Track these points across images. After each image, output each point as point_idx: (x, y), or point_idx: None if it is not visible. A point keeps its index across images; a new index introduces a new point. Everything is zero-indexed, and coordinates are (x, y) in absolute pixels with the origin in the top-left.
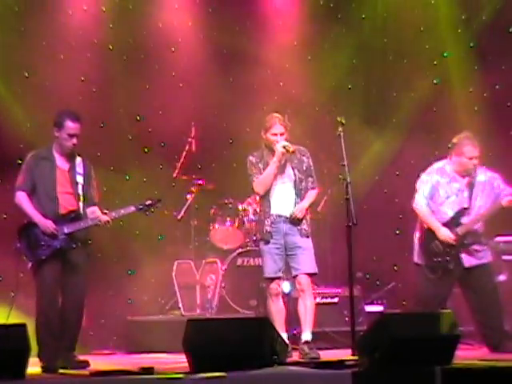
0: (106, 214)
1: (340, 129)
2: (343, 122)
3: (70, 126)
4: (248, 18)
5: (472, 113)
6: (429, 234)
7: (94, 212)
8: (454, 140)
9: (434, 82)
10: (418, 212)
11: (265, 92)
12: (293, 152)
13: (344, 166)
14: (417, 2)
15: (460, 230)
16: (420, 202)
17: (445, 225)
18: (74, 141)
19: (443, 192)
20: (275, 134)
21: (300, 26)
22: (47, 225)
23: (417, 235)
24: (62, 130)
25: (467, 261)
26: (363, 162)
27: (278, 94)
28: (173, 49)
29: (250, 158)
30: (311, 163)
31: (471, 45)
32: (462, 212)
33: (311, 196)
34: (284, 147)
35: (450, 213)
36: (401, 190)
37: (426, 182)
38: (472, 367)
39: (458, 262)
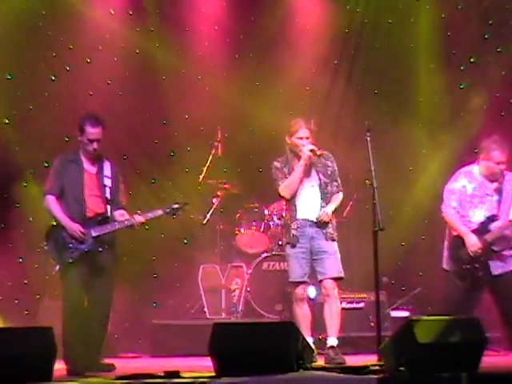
0: (140, 214)
1: (367, 133)
2: (370, 126)
3: (90, 131)
4: (274, 23)
5: (498, 117)
6: (457, 241)
7: (122, 215)
8: (482, 144)
9: (461, 86)
10: (446, 219)
11: (291, 96)
12: (320, 155)
13: (371, 171)
14: (444, 6)
15: (489, 237)
16: (448, 210)
17: (473, 231)
18: (95, 145)
19: (471, 197)
20: (301, 138)
21: (325, 30)
22: (75, 228)
23: (446, 242)
24: (84, 134)
25: (495, 268)
26: (389, 166)
27: (305, 99)
28: (199, 52)
29: (275, 163)
30: (336, 167)
31: (498, 50)
32: (491, 218)
33: (337, 200)
34: (311, 150)
35: (478, 219)
36: (427, 195)
37: (452, 189)
38: (498, 373)
39: (487, 269)
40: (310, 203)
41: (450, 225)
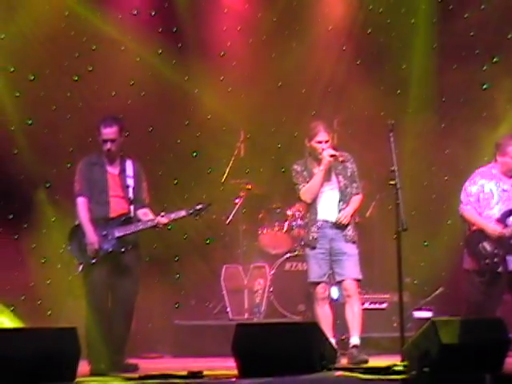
0: (163, 216)
1: (390, 133)
2: (393, 126)
3: (103, 131)
4: (296, 24)
5: None
6: (475, 236)
7: (146, 214)
8: (498, 142)
9: (484, 87)
10: (464, 216)
11: (314, 97)
12: (342, 161)
13: (394, 170)
14: (467, 7)
15: (507, 231)
16: (465, 207)
17: (496, 222)
18: (109, 146)
19: (489, 195)
20: (320, 142)
21: (349, 30)
22: (93, 241)
23: (464, 241)
24: (100, 135)
25: None
26: (412, 166)
27: (327, 99)
28: (222, 53)
29: (295, 166)
30: (355, 169)
31: None
32: (509, 213)
33: (356, 202)
34: (332, 155)
35: (496, 214)
36: (449, 195)
37: (470, 190)
38: None
39: (505, 264)
40: (329, 205)
41: (468, 220)
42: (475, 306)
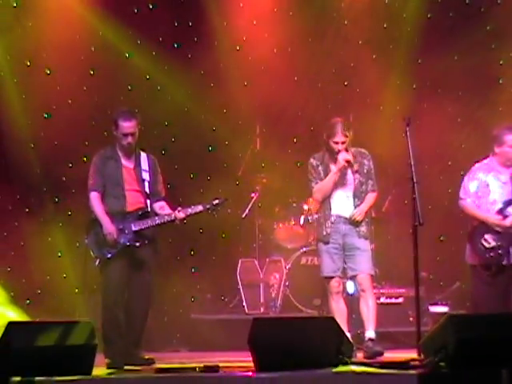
0: (180, 210)
1: (407, 128)
2: (410, 120)
3: (123, 125)
4: (311, 16)
5: None
6: (477, 230)
7: (163, 207)
8: (494, 133)
9: (500, 81)
10: (464, 210)
11: (329, 91)
12: (356, 171)
13: (410, 165)
14: (483, 1)
15: (508, 221)
16: (464, 201)
17: (497, 214)
18: (129, 139)
19: (488, 188)
20: (337, 143)
21: (365, 24)
22: (110, 231)
23: (467, 236)
24: (118, 129)
25: None
26: (427, 161)
27: (343, 93)
28: (237, 47)
29: (311, 160)
30: (372, 166)
31: None
32: (508, 204)
33: (370, 199)
34: (347, 161)
35: (496, 206)
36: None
37: (468, 186)
38: None
39: (510, 257)
40: (344, 201)
41: (469, 214)
42: (482, 301)
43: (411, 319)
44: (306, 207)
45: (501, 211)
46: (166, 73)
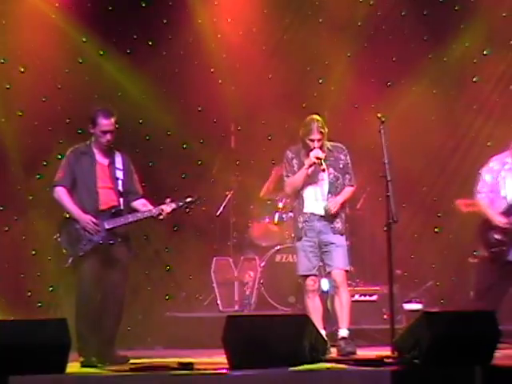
0: (167, 204)
1: (381, 126)
2: (383, 119)
3: (104, 122)
4: (286, 14)
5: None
6: (485, 225)
7: (145, 204)
8: None
9: (474, 80)
10: (477, 204)
11: (304, 89)
12: (323, 170)
13: (385, 163)
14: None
15: (507, 224)
16: (479, 195)
17: (503, 213)
18: (108, 137)
19: (503, 180)
20: (312, 141)
21: (340, 21)
22: (87, 219)
23: (476, 229)
24: (97, 127)
25: None
26: (402, 159)
27: (317, 91)
28: (212, 45)
29: (287, 152)
30: (349, 161)
31: (511, 42)
32: None
33: (347, 192)
34: (317, 158)
35: (506, 202)
36: (440, 188)
37: (484, 175)
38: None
39: None
40: (317, 197)
41: (480, 209)
42: (483, 291)
43: (385, 317)
44: (280, 205)
45: (506, 212)
46: (139, 70)
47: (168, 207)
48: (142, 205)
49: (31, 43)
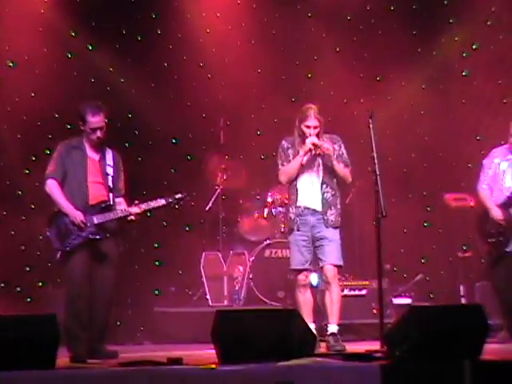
0: (136, 205)
1: (369, 120)
2: (373, 112)
3: (92, 120)
4: (275, 8)
5: (500, 105)
6: (484, 215)
7: (120, 203)
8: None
9: (463, 73)
10: (478, 195)
11: (293, 83)
12: (319, 154)
13: (373, 158)
14: None
15: (502, 216)
16: (480, 186)
17: (501, 205)
18: (98, 134)
19: (503, 173)
20: (308, 127)
21: (329, 16)
22: (76, 215)
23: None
24: (86, 124)
25: None
26: (390, 153)
27: (307, 86)
28: (201, 40)
29: (283, 142)
30: (344, 150)
31: (500, 37)
32: None
33: (344, 168)
34: (313, 144)
35: (505, 194)
36: (428, 182)
37: (485, 166)
38: (501, 361)
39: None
40: (311, 190)
41: (480, 200)
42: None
43: (375, 311)
44: (269, 200)
45: (509, 199)
46: (129, 65)
47: (135, 208)
48: (117, 203)
49: (19, 38)
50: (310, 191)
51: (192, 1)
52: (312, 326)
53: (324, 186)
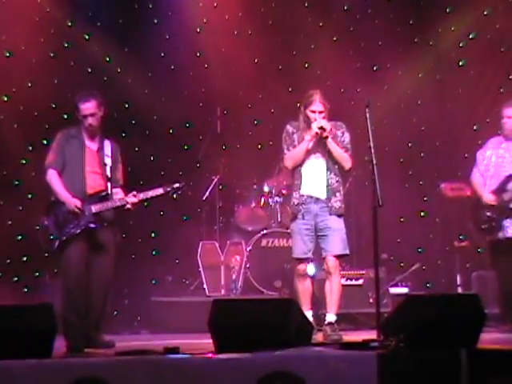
0: (134, 195)
1: (366, 110)
2: (369, 102)
3: (82, 107)
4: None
5: (497, 94)
6: (476, 202)
7: (117, 193)
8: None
9: (460, 63)
10: (471, 184)
11: (290, 73)
12: (326, 137)
13: (370, 147)
14: None
15: (506, 196)
16: (474, 174)
17: (494, 191)
18: (90, 121)
19: (496, 161)
20: (314, 112)
21: (325, 6)
22: (72, 203)
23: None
24: (79, 112)
25: (508, 230)
26: (387, 143)
27: (303, 75)
28: (198, 29)
29: (288, 127)
30: (346, 138)
31: (498, 26)
32: (509, 179)
33: (344, 152)
34: (320, 128)
35: (499, 179)
36: (425, 172)
37: (479, 155)
38: (497, 349)
39: (504, 230)
40: (315, 177)
41: (473, 189)
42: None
43: (371, 300)
44: (266, 189)
45: (500, 185)
46: (126, 55)
47: (132, 198)
48: (115, 193)
49: (16, 28)
50: (315, 177)
51: None
52: (309, 314)
53: (329, 172)
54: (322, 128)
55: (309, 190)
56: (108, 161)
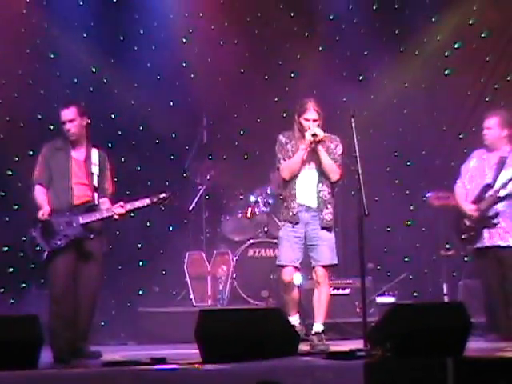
0: (121, 206)
1: (352, 119)
2: (355, 112)
3: (61, 113)
4: (257, 7)
5: (483, 103)
6: (457, 213)
7: (104, 203)
8: None
9: (446, 72)
10: (454, 195)
11: (276, 82)
12: (319, 141)
13: (355, 156)
14: None
15: (482, 205)
16: (457, 185)
17: (474, 201)
18: (68, 126)
19: (478, 171)
20: (308, 120)
21: (311, 15)
22: (40, 212)
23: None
24: (60, 119)
25: (489, 239)
26: (373, 152)
27: (289, 85)
28: (183, 40)
29: (280, 136)
30: (339, 151)
31: (483, 35)
32: (486, 188)
33: (333, 164)
34: (313, 135)
35: (478, 189)
36: (411, 181)
37: (463, 167)
38: (484, 358)
39: (483, 239)
40: (307, 187)
41: (455, 199)
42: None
43: (358, 310)
44: (252, 199)
45: (478, 196)
46: (112, 65)
47: (119, 209)
48: (102, 203)
49: (1, 39)
50: (307, 187)
51: (174, 1)
52: (296, 318)
53: (320, 184)
54: (315, 135)
55: (300, 199)
56: (95, 170)
